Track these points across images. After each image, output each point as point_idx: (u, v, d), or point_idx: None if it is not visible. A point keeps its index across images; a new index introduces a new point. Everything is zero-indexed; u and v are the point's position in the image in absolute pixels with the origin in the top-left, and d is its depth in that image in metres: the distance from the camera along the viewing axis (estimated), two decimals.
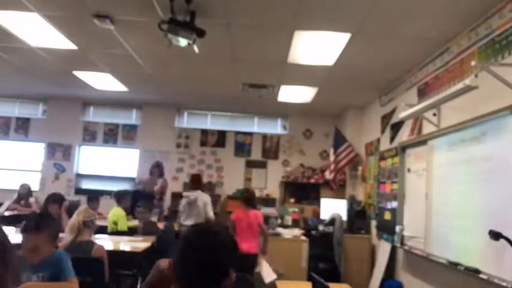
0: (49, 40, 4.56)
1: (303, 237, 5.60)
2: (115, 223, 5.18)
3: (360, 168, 6.81)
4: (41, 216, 2.50)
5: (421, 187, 4.12)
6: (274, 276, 3.79)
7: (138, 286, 3.91)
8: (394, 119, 5.34)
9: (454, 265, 3.32)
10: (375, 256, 5.75)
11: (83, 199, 6.11)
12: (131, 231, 5.08)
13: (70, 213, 3.90)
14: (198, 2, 3.39)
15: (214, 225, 1.36)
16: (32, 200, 6.89)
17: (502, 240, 2.35)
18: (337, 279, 5.44)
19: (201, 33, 3.44)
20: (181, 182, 8.05)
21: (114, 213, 5.27)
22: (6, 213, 6.27)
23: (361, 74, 5.23)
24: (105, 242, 3.93)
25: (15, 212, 6.42)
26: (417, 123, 4.61)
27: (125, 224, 5.25)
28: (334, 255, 5.74)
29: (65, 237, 3.27)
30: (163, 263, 1.68)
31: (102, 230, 4.90)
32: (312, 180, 7.81)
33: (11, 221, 5.40)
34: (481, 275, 2.93)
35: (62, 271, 2.36)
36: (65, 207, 4.83)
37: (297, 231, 5.87)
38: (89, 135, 8.25)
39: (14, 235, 4.05)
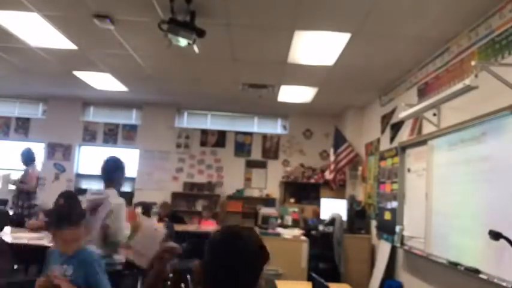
0: (49, 40, 4.56)
1: (303, 237, 5.59)
2: None
3: (360, 168, 6.81)
4: (73, 211, 2.44)
5: (421, 187, 4.12)
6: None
7: (138, 286, 3.90)
8: (394, 119, 5.34)
9: (454, 265, 3.32)
10: (374, 256, 5.75)
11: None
12: None
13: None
14: (198, 2, 3.39)
15: (244, 228, 1.31)
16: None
17: (502, 240, 2.34)
18: (337, 279, 5.44)
19: (201, 33, 3.45)
20: (181, 182, 8.06)
21: None
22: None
23: (361, 74, 5.23)
24: None
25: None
26: (417, 123, 4.61)
27: None
28: (334, 255, 5.74)
29: None
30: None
31: None
32: (312, 180, 7.81)
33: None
34: (481, 275, 2.93)
35: (94, 281, 2.27)
36: None
37: (297, 231, 5.85)
38: (89, 135, 8.25)
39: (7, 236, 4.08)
